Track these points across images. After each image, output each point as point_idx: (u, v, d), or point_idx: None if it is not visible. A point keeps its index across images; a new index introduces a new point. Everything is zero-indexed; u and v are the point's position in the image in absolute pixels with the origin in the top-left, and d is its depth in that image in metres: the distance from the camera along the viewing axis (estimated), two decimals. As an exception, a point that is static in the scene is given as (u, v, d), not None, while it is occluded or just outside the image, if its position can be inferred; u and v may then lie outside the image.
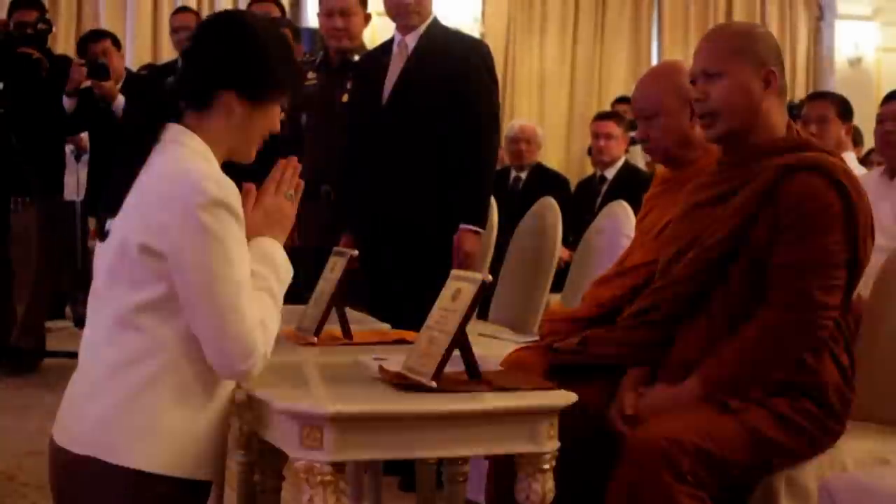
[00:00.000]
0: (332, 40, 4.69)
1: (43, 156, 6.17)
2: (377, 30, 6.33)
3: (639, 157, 7.57)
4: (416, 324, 2.47)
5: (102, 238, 2.26)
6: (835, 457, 2.60)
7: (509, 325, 4.37)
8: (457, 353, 2.29)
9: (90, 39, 6.34)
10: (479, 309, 3.22)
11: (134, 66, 6.92)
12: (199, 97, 2.29)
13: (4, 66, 6.02)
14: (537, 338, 3.27)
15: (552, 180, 6.93)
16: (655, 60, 10.32)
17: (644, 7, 10.33)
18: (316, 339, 2.84)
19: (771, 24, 10.27)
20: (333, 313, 2.89)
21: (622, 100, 9.03)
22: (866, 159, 7.10)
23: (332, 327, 2.91)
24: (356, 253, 2.95)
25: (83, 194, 6.56)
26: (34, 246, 6.23)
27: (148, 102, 2.39)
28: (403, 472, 4.01)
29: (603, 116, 6.84)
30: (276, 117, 2.37)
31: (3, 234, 6.19)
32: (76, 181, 6.54)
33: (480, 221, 4.22)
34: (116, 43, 6.37)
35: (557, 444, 2.29)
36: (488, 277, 2.30)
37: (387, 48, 4.38)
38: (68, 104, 6.02)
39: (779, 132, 2.67)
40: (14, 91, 6.05)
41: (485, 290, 2.29)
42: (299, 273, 2.46)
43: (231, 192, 2.18)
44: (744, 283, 2.59)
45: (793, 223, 2.53)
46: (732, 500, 2.53)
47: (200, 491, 2.24)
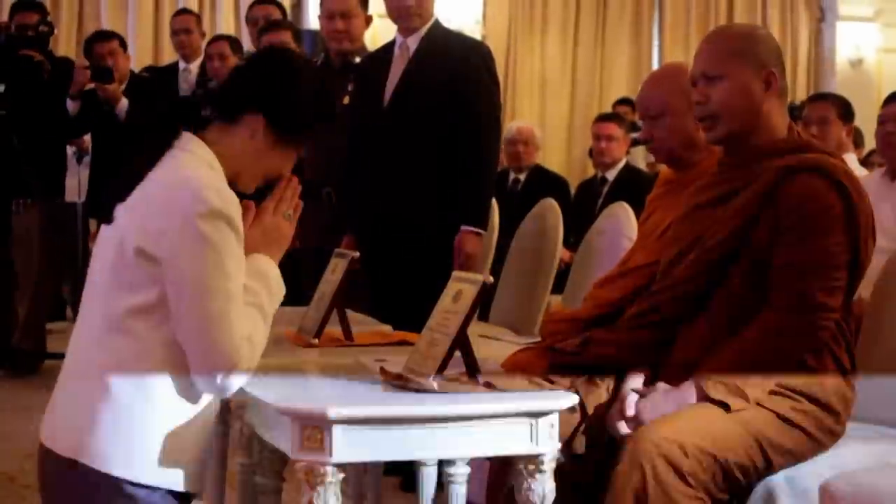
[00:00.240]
0: (333, 42, 4.70)
1: (44, 157, 6.17)
2: (378, 32, 6.33)
3: (640, 159, 7.58)
4: (417, 325, 2.47)
5: (109, 221, 2.25)
6: (835, 458, 2.60)
7: (510, 327, 4.37)
8: (458, 354, 2.30)
9: (97, 40, 6.34)
10: (480, 310, 3.23)
11: (135, 68, 6.92)
12: (230, 110, 2.32)
13: (6, 68, 6.02)
14: (538, 339, 3.27)
15: (551, 182, 6.92)
16: (656, 62, 10.32)
17: (645, 9, 10.33)
18: (317, 341, 2.84)
19: (772, 26, 10.27)
20: (335, 315, 2.89)
21: (623, 101, 9.04)
22: (867, 161, 7.10)
23: (334, 328, 2.91)
24: (357, 254, 2.95)
25: (84, 196, 6.55)
26: (35, 248, 6.23)
27: (172, 105, 2.40)
28: (404, 473, 4.01)
29: (604, 118, 6.84)
30: (289, 162, 2.39)
31: (4, 236, 6.20)
32: (77, 183, 6.53)
33: (481, 223, 4.22)
34: (123, 44, 6.37)
35: (558, 446, 2.29)
36: (489, 279, 2.30)
37: (388, 50, 4.38)
38: (72, 107, 6.02)
39: (780, 134, 2.67)
40: (15, 93, 6.05)
41: (485, 292, 2.29)
42: (300, 274, 2.47)
43: (232, 204, 2.18)
44: (745, 284, 2.59)
45: (794, 224, 2.53)
46: (733, 500, 2.53)
47: (182, 501, 2.22)
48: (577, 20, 10.13)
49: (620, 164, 6.52)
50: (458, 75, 4.17)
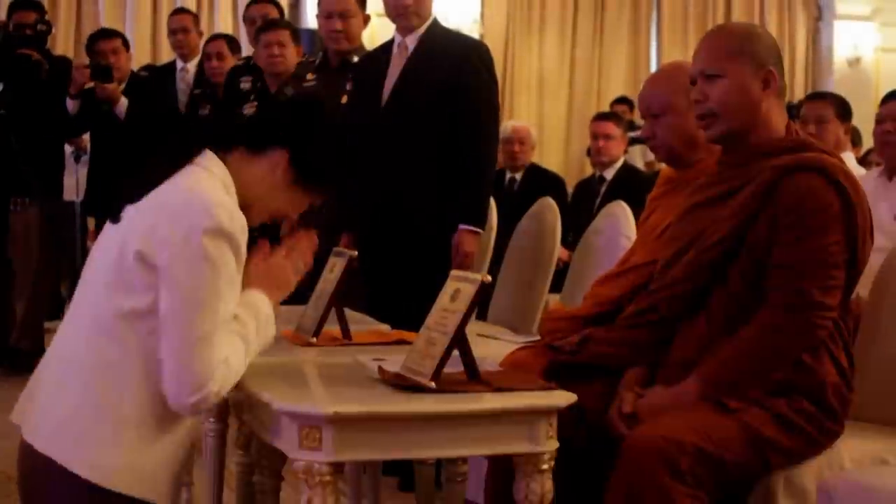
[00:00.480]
0: (331, 42, 4.69)
1: (42, 156, 6.17)
2: (376, 31, 6.33)
3: (638, 158, 7.58)
4: (416, 324, 2.47)
5: (116, 220, 2.26)
6: (833, 457, 2.60)
7: (508, 326, 4.37)
8: (456, 353, 2.30)
9: (100, 38, 6.34)
10: (479, 309, 3.22)
11: (134, 67, 6.91)
12: (258, 140, 2.34)
13: (4, 67, 6.02)
14: (537, 338, 3.27)
15: (548, 181, 6.92)
16: (654, 61, 10.33)
17: (643, 8, 10.34)
18: (315, 340, 2.84)
19: (770, 25, 10.28)
20: (333, 313, 2.89)
21: (621, 100, 9.05)
22: (865, 159, 7.11)
23: (332, 328, 2.91)
24: (355, 253, 2.95)
25: (83, 195, 6.55)
26: (33, 246, 6.23)
27: (202, 122, 2.43)
28: (402, 472, 4.01)
29: (602, 117, 6.83)
30: (300, 206, 2.42)
31: (2, 235, 6.20)
32: (76, 182, 6.53)
33: (480, 222, 4.22)
34: (126, 43, 6.37)
35: (556, 445, 2.29)
36: (487, 278, 2.30)
37: (386, 49, 4.38)
38: (71, 106, 6.02)
39: (778, 133, 2.67)
40: (14, 92, 6.05)
41: (484, 291, 2.30)
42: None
43: (240, 228, 2.19)
44: (743, 283, 2.59)
45: (792, 223, 2.53)
46: (731, 500, 2.53)
47: None
48: (575, 19, 10.14)
49: (618, 163, 6.52)
50: (456, 74, 4.17)
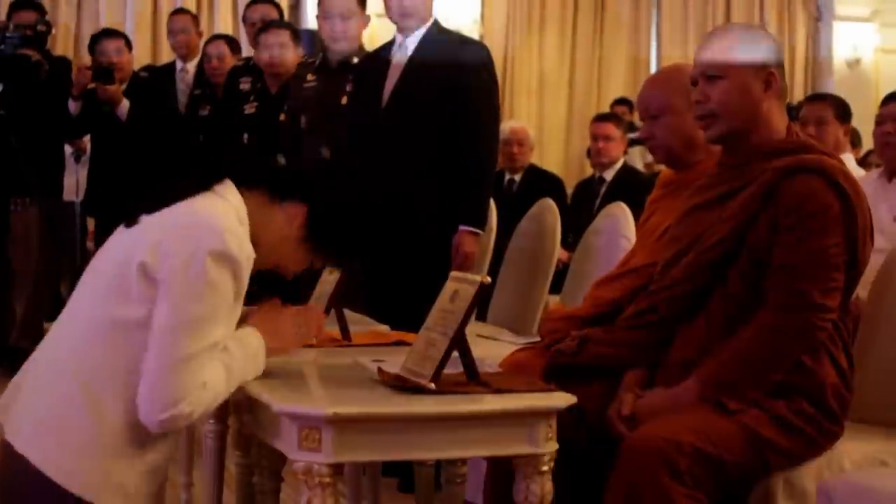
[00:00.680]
0: (332, 43, 4.69)
1: (42, 157, 6.17)
2: (377, 31, 6.33)
3: (637, 159, 7.58)
4: (415, 325, 2.47)
5: (130, 224, 2.26)
6: (833, 458, 2.60)
7: (508, 327, 4.36)
8: (456, 354, 2.30)
9: (104, 37, 6.34)
10: (478, 310, 3.22)
11: (134, 68, 6.91)
12: (282, 189, 2.36)
13: (4, 67, 6.02)
14: (536, 339, 3.27)
15: (546, 181, 6.91)
16: (654, 62, 10.32)
17: (643, 9, 10.33)
18: (315, 341, 2.84)
19: (769, 26, 10.27)
20: (332, 315, 2.89)
21: (621, 101, 9.05)
22: (865, 161, 7.11)
23: (331, 329, 2.91)
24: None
25: (83, 195, 6.55)
26: (33, 246, 6.23)
27: (234, 153, 2.44)
28: (402, 473, 4.01)
29: (602, 118, 6.83)
30: (301, 264, 2.43)
31: (2, 235, 6.19)
32: (76, 182, 6.52)
33: (480, 223, 4.22)
34: (129, 44, 6.38)
35: (556, 446, 2.29)
36: (487, 279, 2.30)
37: (387, 50, 4.38)
38: (73, 107, 6.03)
39: (779, 134, 2.67)
40: (14, 93, 6.04)
41: (483, 292, 2.30)
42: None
43: (246, 257, 2.20)
44: (743, 284, 2.59)
45: (792, 225, 2.54)
46: (730, 501, 2.53)
47: None
48: (575, 20, 10.12)
49: (618, 164, 6.52)
50: (456, 75, 4.17)
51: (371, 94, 4.31)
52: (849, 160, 5.07)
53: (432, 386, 2.25)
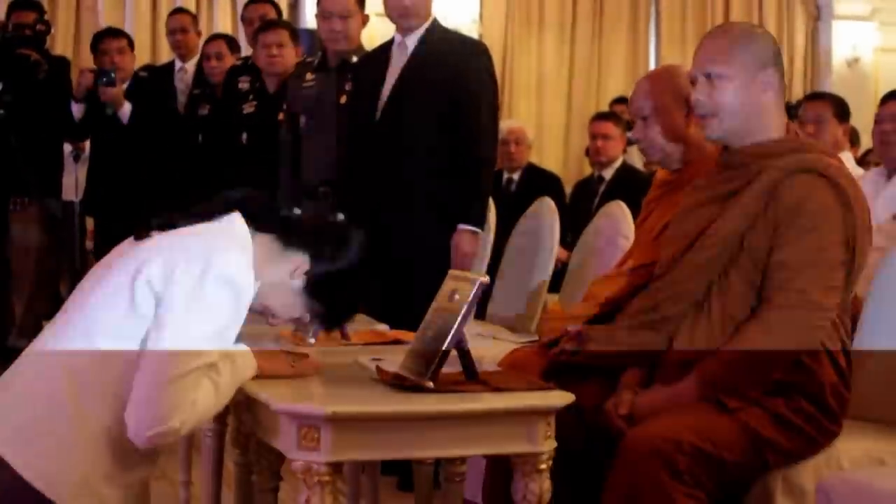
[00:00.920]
0: (331, 43, 4.69)
1: (42, 156, 6.17)
2: (376, 30, 6.33)
3: (636, 158, 7.57)
4: (414, 324, 2.48)
5: (141, 237, 2.27)
6: (831, 457, 2.60)
7: (507, 326, 4.37)
8: (454, 353, 2.30)
9: (106, 36, 6.35)
10: (477, 309, 3.23)
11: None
12: (288, 238, 2.37)
13: (3, 67, 6.02)
14: (535, 338, 3.28)
15: (545, 180, 6.91)
16: (653, 61, 10.32)
17: (642, 8, 10.32)
18: (314, 340, 2.84)
19: (768, 25, 10.26)
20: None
21: (620, 100, 9.03)
22: (864, 160, 7.11)
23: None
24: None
25: (81, 195, 6.55)
26: (32, 246, 6.23)
27: (255, 198, 2.44)
28: (401, 472, 4.01)
29: (601, 117, 6.83)
30: (292, 313, 2.42)
31: (1, 235, 6.20)
32: (75, 181, 6.52)
33: (479, 222, 4.22)
34: (131, 43, 6.39)
35: (554, 445, 2.30)
36: (485, 278, 2.31)
37: (386, 49, 4.38)
38: (77, 110, 6.04)
39: (778, 133, 2.68)
40: (13, 92, 6.05)
41: (482, 291, 2.30)
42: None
43: (248, 284, 2.21)
44: (743, 283, 2.60)
45: (791, 224, 2.54)
46: (729, 499, 2.53)
47: None
48: (574, 19, 10.12)
49: (617, 163, 6.52)
50: (456, 75, 4.17)
51: (370, 93, 4.31)
52: (848, 159, 5.07)
53: (431, 385, 2.25)
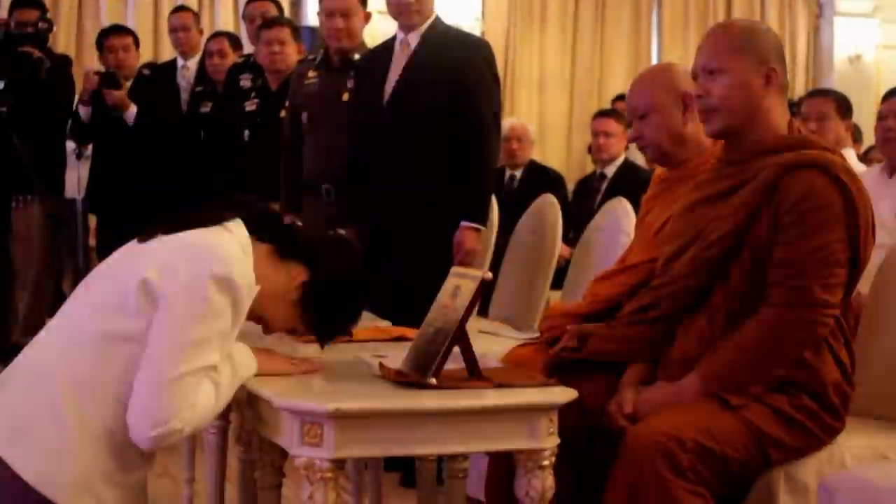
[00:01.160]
0: (333, 40, 4.69)
1: (44, 154, 6.17)
2: (378, 28, 6.33)
3: (639, 155, 7.57)
4: (417, 321, 2.48)
5: (143, 239, 2.28)
6: (834, 453, 2.60)
7: (509, 322, 4.37)
8: (457, 350, 2.30)
9: (111, 33, 6.35)
10: (480, 305, 3.23)
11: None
12: (288, 249, 2.37)
13: (5, 65, 6.02)
14: (537, 335, 3.27)
15: (548, 178, 6.92)
16: (655, 58, 10.31)
17: (644, 5, 10.32)
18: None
19: (770, 22, 10.26)
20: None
21: (622, 98, 9.03)
22: (866, 156, 7.10)
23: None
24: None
25: (84, 192, 6.56)
26: (35, 244, 6.23)
27: (259, 208, 2.44)
28: (404, 468, 4.02)
29: (603, 114, 6.84)
30: (286, 325, 2.43)
31: (4, 232, 6.20)
32: (77, 179, 6.53)
33: (481, 218, 4.23)
34: (136, 40, 6.40)
35: (557, 441, 2.30)
36: (488, 275, 2.31)
37: (388, 47, 4.38)
38: (84, 112, 6.05)
39: (780, 130, 2.67)
40: (15, 90, 6.05)
41: (484, 288, 2.30)
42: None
43: (247, 285, 2.22)
44: (744, 280, 2.60)
45: (794, 221, 2.54)
46: (731, 496, 2.53)
47: None
48: (576, 16, 10.12)
49: (619, 160, 6.52)
50: (458, 72, 4.18)
51: (373, 91, 4.31)
52: (850, 156, 5.07)
53: (433, 381, 2.25)
